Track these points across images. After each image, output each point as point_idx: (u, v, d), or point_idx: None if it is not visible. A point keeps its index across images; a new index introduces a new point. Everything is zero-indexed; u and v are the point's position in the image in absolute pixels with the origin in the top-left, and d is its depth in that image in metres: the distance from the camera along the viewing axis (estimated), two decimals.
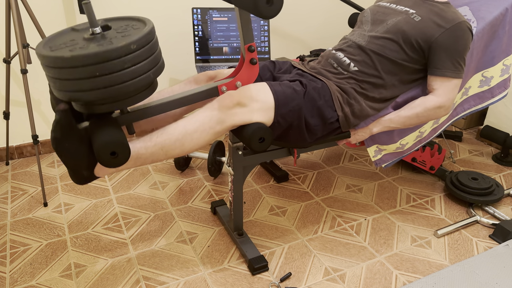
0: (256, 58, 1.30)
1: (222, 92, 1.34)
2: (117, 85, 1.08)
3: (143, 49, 1.10)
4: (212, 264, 1.57)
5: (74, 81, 1.06)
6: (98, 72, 1.05)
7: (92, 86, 1.07)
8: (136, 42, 1.08)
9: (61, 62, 1.04)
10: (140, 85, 1.12)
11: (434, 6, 1.49)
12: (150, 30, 1.12)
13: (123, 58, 1.06)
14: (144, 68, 1.11)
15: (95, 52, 1.03)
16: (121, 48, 1.05)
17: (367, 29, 1.55)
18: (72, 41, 1.14)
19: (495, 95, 1.73)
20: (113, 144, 1.12)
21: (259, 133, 1.27)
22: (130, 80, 1.10)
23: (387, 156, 1.68)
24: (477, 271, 1.51)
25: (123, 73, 1.07)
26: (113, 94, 1.09)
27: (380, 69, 1.47)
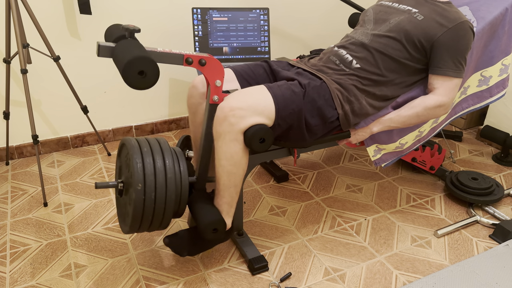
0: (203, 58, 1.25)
1: (216, 101, 1.33)
2: (166, 203, 1.29)
3: (146, 177, 1.24)
4: (212, 264, 1.57)
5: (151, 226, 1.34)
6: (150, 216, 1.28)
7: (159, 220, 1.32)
8: (138, 182, 1.23)
9: (130, 232, 1.34)
10: (174, 184, 1.29)
11: (436, 6, 1.49)
12: (133, 161, 1.25)
13: (146, 197, 1.24)
14: (161, 178, 1.27)
15: (131, 219, 1.27)
16: (137, 198, 1.23)
17: (370, 28, 1.55)
18: (125, 208, 1.37)
19: (494, 95, 1.74)
20: (212, 224, 1.35)
21: (259, 133, 1.27)
22: (166, 194, 1.28)
23: (386, 156, 1.68)
24: (477, 271, 1.51)
25: (158, 198, 1.26)
26: (173, 207, 1.31)
27: (382, 67, 1.47)
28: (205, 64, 1.26)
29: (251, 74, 1.54)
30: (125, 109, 2.44)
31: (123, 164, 1.37)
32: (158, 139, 1.37)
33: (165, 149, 1.32)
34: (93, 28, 2.18)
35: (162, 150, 1.31)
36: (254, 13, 2.23)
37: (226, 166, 1.33)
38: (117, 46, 1.16)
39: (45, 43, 1.95)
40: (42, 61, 2.15)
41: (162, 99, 2.51)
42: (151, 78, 1.12)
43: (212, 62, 1.26)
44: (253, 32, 2.25)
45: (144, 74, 1.11)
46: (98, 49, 1.15)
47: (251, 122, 1.28)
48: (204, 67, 1.26)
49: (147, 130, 2.55)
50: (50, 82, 2.21)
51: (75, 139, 2.38)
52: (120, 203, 1.43)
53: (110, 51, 1.17)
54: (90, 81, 2.29)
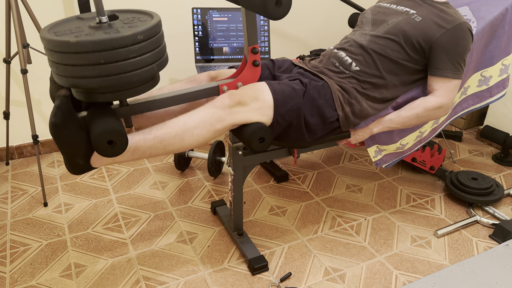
0: (259, 60, 1.31)
1: (223, 91, 1.34)
2: (121, 74, 1.09)
3: (149, 41, 1.10)
4: (212, 264, 1.57)
5: (77, 67, 1.06)
6: (103, 60, 1.05)
7: (96, 73, 1.06)
8: (143, 33, 1.08)
9: (66, 47, 1.04)
10: (143, 77, 1.13)
11: (434, 7, 1.49)
12: (157, 22, 1.13)
13: (129, 48, 1.06)
14: (149, 59, 1.11)
15: (102, 39, 1.03)
16: (128, 37, 1.05)
17: (368, 29, 1.55)
18: (77, 28, 1.14)
19: (494, 95, 1.74)
20: (111, 133, 1.11)
21: (259, 133, 1.27)
22: (134, 71, 1.10)
23: (387, 157, 1.68)
24: (477, 271, 1.51)
25: (128, 62, 1.08)
26: (116, 83, 1.09)
27: (381, 69, 1.47)
28: (257, 66, 1.32)
29: None
30: None
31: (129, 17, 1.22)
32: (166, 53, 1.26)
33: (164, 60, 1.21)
34: None
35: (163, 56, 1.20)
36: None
37: (188, 129, 1.24)
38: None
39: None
40: (42, 61, 2.15)
41: None
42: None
43: (257, 71, 1.29)
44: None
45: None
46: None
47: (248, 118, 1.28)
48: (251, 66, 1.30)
49: None
50: None
51: None
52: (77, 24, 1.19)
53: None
54: None
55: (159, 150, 1.24)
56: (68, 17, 1.22)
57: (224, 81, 1.38)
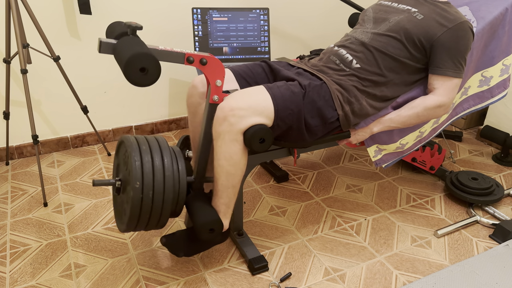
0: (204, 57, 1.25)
1: (216, 101, 1.33)
2: (164, 203, 1.28)
3: (144, 175, 1.23)
4: (212, 264, 1.57)
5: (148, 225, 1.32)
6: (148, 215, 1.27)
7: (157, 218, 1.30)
8: (136, 180, 1.22)
9: (126, 230, 1.32)
10: (171, 183, 1.28)
11: (435, 6, 1.49)
12: (132, 159, 1.24)
13: (143, 196, 1.23)
14: (159, 177, 1.26)
15: (128, 218, 1.26)
16: (135, 196, 1.23)
17: (370, 27, 1.55)
18: (122, 207, 1.36)
19: (495, 95, 1.73)
20: (208, 224, 1.34)
21: (259, 133, 1.27)
22: (164, 192, 1.27)
23: (387, 156, 1.68)
24: (477, 271, 1.51)
25: (155, 198, 1.25)
26: (170, 205, 1.30)
27: (382, 66, 1.47)
28: (206, 63, 1.25)
29: (249, 74, 1.54)
30: (125, 109, 2.44)
31: (121, 162, 1.37)
32: (157, 138, 1.36)
33: (164, 147, 1.31)
34: (93, 28, 2.18)
35: (160, 148, 1.30)
36: (254, 13, 2.23)
37: (225, 166, 1.33)
38: (118, 43, 1.15)
39: (45, 43, 1.95)
40: (42, 61, 2.15)
41: (162, 99, 2.51)
42: (152, 75, 1.12)
43: (213, 61, 1.26)
44: (253, 32, 2.25)
45: (146, 71, 1.11)
46: (100, 45, 1.15)
47: (251, 122, 1.28)
48: (205, 67, 1.26)
49: (147, 130, 2.55)
50: (50, 82, 2.20)
51: (75, 139, 2.38)
52: (117, 201, 1.43)
53: (111, 48, 1.16)
54: (90, 81, 2.29)
55: (232, 194, 1.40)
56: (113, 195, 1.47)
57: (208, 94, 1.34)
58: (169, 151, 1.31)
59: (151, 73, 1.12)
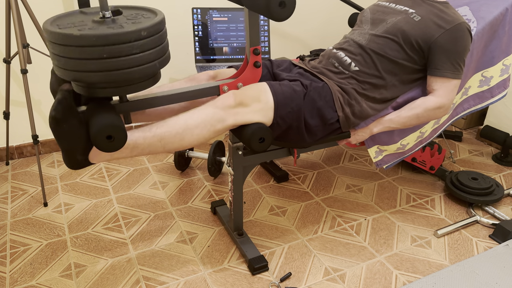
0: (260, 61, 1.31)
1: (223, 91, 1.34)
2: (123, 69, 1.09)
3: (152, 38, 1.10)
4: (212, 264, 1.57)
5: (80, 61, 1.06)
6: (105, 54, 1.05)
7: (98, 67, 1.07)
8: (146, 29, 1.08)
9: (69, 40, 1.04)
10: (145, 73, 1.13)
11: (433, 7, 1.49)
12: (161, 20, 1.13)
13: (132, 43, 1.07)
14: (151, 56, 1.12)
15: (105, 33, 1.04)
16: (131, 32, 1.06)
17: (367, 28, 1.55)
18: (81, 22, 1.14)
19: (495, 95, 1.73)
20: (110, 128, 1.11)
21: (259, 133, 1.27)
22: (136, 67, 1.10)
23: (388, 157, 1.68)
24: (477, 271, 1.51)
25: (130, 58, 1.08)
26: (117, 79, 1.10)
27: (380, 69, 1.47)
28: (258, 67, 1.32)
29: None
30: None
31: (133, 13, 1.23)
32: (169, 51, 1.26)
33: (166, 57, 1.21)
34: None
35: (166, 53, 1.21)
36: None
37: (188, 128, 1.24)
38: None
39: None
40: (42, 61, 2.15)
41: None
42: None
43: (258, 72, 1.30)
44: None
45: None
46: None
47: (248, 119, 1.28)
48: (253, 68, 1.30)
49: None
50: None
51: None
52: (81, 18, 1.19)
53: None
54: None
55: (159, 148, 1.24)
56: (71, 11, 1.22)
57: (224, 81, 1.38)
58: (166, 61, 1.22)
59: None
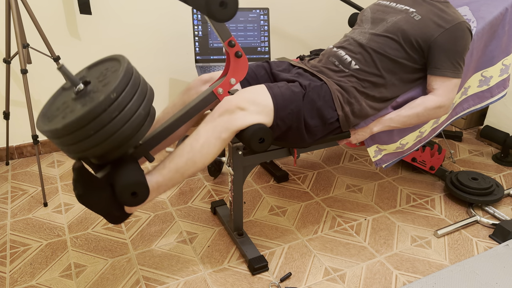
0: (240, 51, 1.27)
1: (219, 94, 1.34)
2: (114, 134, 1.12)
3: (124, 93, 1.12)
4: (212, 264, 1.57)
5: (76, 145, 1.12)
6: (92, 131, 1.09)
7: (93, 143, 1.11)
8: (114, 90, 1.10)
9: (57, 133, 1.11)
10: (135, 124, 1.16)
11: (433, 6, 1.49)
12: (125, 71, 1.13)
13: (108, 110, 1.09)
14: (132, 109, 1.14)
15: (81, 114, 1.07)
16: (102, 102, 1.08)
17: (367, 28, 1.55)
18: (64, 104, 1.20)
19: (494, 95, 1.74)
20: (131, 186, 1.18)
21: (259, 133, 1.27)
22: (124, 125, 1.13)
23: (387, 156, 1.68)
24: (477, 271, 1.51)
25: (114, 122, 1.11)
26: (116, 143, 1.14)
27: (380, 67, 1.47)
28: (240, 57, 1.28)
29: (252, 75, 1.54)
30: None
31: (97, 72, 1.23)
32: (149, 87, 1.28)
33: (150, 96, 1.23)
34: (93, 28, 2.18)
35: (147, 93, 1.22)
36: (254, 13, 2.23)
37: (194, 149, 1.26)
38: None
39: (45, 43, 1.95)
40: (42, 61, 2.15)
41: (162, 99, 2.51)
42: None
43: (244, 62, 1.27)
44: (253, 32, 2.25)
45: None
46: None
47: (249, 121, 1.28)
48: (236, 59, 1.27)
49: None
50: (50, 82, 2.20)
51: None
52: (61, 99, 1.23)
53: None
54: None
55: (179, 178, 1.29)
56: (55, 92, 1.28)
57: (216, 83, 1.36)
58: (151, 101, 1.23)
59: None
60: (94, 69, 1.27)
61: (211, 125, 1.28)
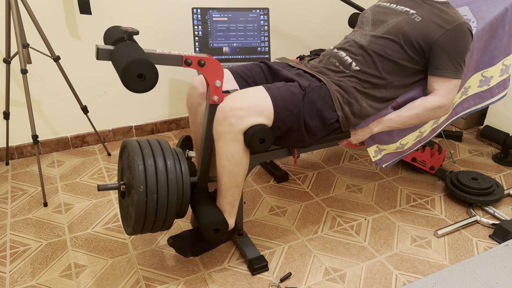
0: (200, 58, 1.25)
1: (216, 102, 1.33)
2: (169, 208, 1.29)
3: (147, 179, 1.25)
4: (212, 264, 1.57)
5: (154, 228, 1.34)
6: (153, 217, 1.29)
7: (161, 224, 1.32)
8: (139, 184, 1.23)
9: (133, 233, 1.35)
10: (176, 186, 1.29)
11: (434, 7, 1.49)
12: (140, 169, 1.24)
13: (147, 199, 1.24)
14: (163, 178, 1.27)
15: (134, 219, 1.27)
16: (139, 200, 1.24)
17: (368, 29, 1.55)
18: (126, 210, 1.40)
19: (495, 95, 1.74)
20: (214, 225, 1.34)
21: (259, 134, 1.27)
22: (168, 195, 1.28)
23: (387, 156, 1.68)
24: (477, 271, 1.51)
25: (160, 203, 1.27)
26: (177, 209, 1.33)
27: (381, 69, 1.47)
28: (204, 64, 1.25)
29: (248, 74, 1.54)
30: (125, 109, 2.44)
31: (125, 166, 1.37)
32: (159, 140, 1.37)
33: (166, 149, 1.32)
34: (93, 28, 2.18)
35: (163, 151, 1.31)
36: (254, 13, 2.23)
37: (227, 166, 1.33)
38: (115, 49, 1.15)
39: (45, 43, 1.95)
40: (42, 61, 2.15)
41: (162, 99, 2.51)
42: (150, 81, 1.12)
43: (211, 62, 1.26)
44: (253, 32, 2.25)
45: (143, 77, 1.11)
46: (97, 52, 1.14)
47: (251, 123, 1.28)
48: (203, 68, 1.26)
49: (147, 130, 2.55)
50: (50, 82, 2.20)
51: (75, 139, 2.38)
52: (123, 205, 1.43)
53: (109, 54, 1.16)
54: (90, 81, 2.29)
55: (236, 193, 1.40)
56: None
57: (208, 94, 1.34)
58: (171, 153, 1.32)
59: (148, 79, 1.11)
60: (123, 156, 1.42)
61: (221, 140, 1.30)
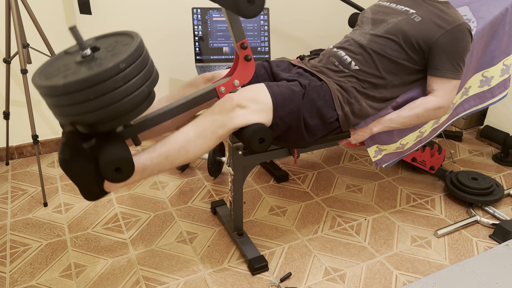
0: (250, 55, 1.29)
1: (221, 92, 1.34)
2: (113, 104, 1.10)
3: (132, 66, 1.10)
4: (212, 264, 1.57)
5: (71, 106, 1.08)
6: (92, 96, 1.06)
7: (89, 109, 1.08)
8: (124, 61, 1.08)
9: (55, 90, 1.06)
10: (136, 101, 1.14)
11: (434, 7, 1.49)
12: (137, 45, 1.12)
13: (114, 78, 1.07)
14: (137, 84, 1.12)
15: (86, 76, 1.04)
16: (110, 69, 1.06)
17: (368, 29, 1.55)
18: (65, 66, 1.16)
19: (495, 95, 1.73)
20: (117, 161, 1.14)
21: (259, 133, 1.27)
22: (125, 98, 1.11)
23: (387, 156, 1.68)
24: (477, 271, 1.51)
25: (116, 92, 1.09)
26: (111, 114, 1.11)
27: (381, 68, 1.47)
28: (249, 60, 1.29)
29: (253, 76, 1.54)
30: None
31: (111, 42, 1.23)
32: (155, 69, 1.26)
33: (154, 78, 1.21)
34: (93, 28, 2.18)
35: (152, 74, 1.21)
36: None
37: (190, 140, 1.25)
38: None
39: (45, 43, 1.95)
40: (42, 61, 2.15)
41: None
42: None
43: (251, 66, 1.28)
44: (253, 32, 2.24)
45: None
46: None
47: (248, 120, 1.27)
48: (245, 62, 1.28)
49: None
50: None
51: None
52: (65, 62, 1.20)
53: None
54: None
55: (166, 165, 1.26)
56: (57, 54, 1.24)
57: (220, 82, 1.37)
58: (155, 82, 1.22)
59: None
60: (103, 40, 1.25)
61: (211, 118, 1.27)
